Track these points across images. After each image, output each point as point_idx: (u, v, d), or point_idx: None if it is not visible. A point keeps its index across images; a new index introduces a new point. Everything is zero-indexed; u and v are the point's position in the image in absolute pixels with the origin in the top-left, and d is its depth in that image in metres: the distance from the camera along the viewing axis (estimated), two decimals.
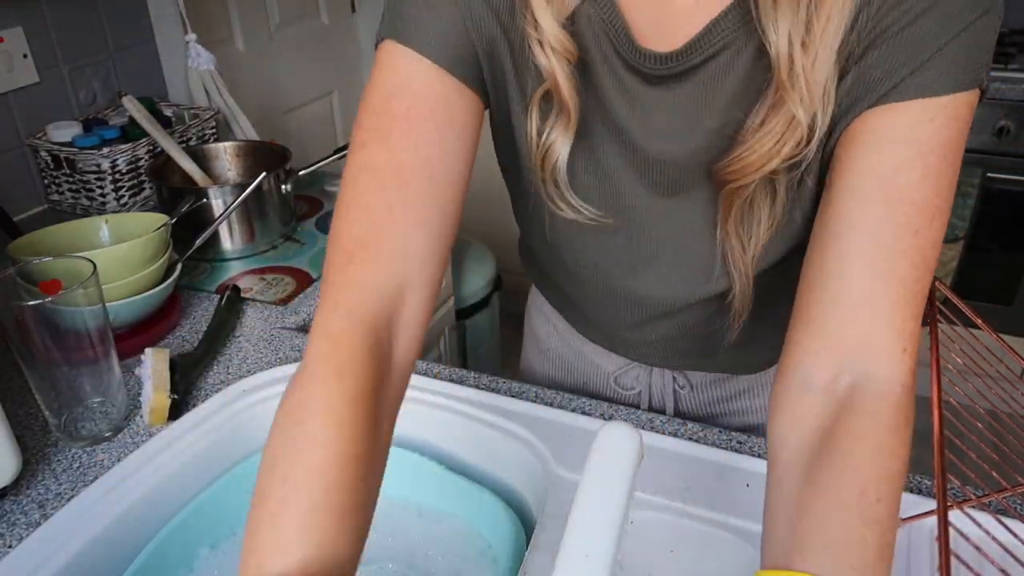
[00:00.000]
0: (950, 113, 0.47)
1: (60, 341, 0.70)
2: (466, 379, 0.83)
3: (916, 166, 0.47)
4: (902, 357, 0.46)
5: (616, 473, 0.47)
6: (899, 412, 0.45)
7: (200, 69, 1.47)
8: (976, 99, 0.49)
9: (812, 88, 0.47)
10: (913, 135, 0.47)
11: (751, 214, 0.55)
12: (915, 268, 0.47)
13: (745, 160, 0.51)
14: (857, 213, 0.48)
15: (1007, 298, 2.07)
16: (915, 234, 0.47)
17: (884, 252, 0.47)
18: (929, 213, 0.47)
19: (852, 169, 0.49)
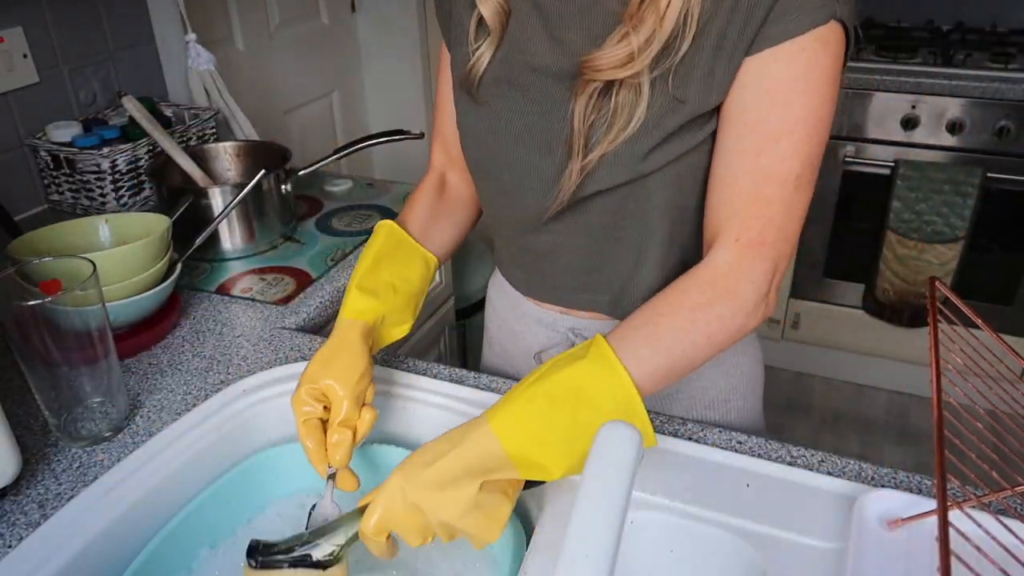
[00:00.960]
0: (796, 51, 0.60)
1: (60, 341, 0.70)
2: (466, 379, 0.83)
3: (762, 103, 0.61)
4: (732, 244, 0.64)
5: (616, 473, 0.47)
6: (707, 272, 0.64)
7: (200, 69, 1.48)
8: (833, 31, 0.60)
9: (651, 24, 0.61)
10: (761, 76, 0.61)
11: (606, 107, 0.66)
12: (754, 182, 0.63)
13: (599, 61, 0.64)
14: (718, 145, 0.66)
15: (1007, 298, 2.07)
16: (756, 155, 0.62)
17: (729, 173, 0.64)
18: (774, 137, 0.61)
19: (721, 112, 0.65)
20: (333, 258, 1.15)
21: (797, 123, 0.61)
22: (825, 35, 0.60)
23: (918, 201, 1.97)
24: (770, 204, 0.63)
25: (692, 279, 0.64)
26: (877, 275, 2.12)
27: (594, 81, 0.65)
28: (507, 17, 0.71)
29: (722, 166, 0.65)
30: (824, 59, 0.60)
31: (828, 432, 2.22)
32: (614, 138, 0.66)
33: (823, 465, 0.69)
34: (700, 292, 0.63)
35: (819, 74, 0.60)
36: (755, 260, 0.63)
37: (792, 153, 0.62)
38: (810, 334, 2.33)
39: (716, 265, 0.64)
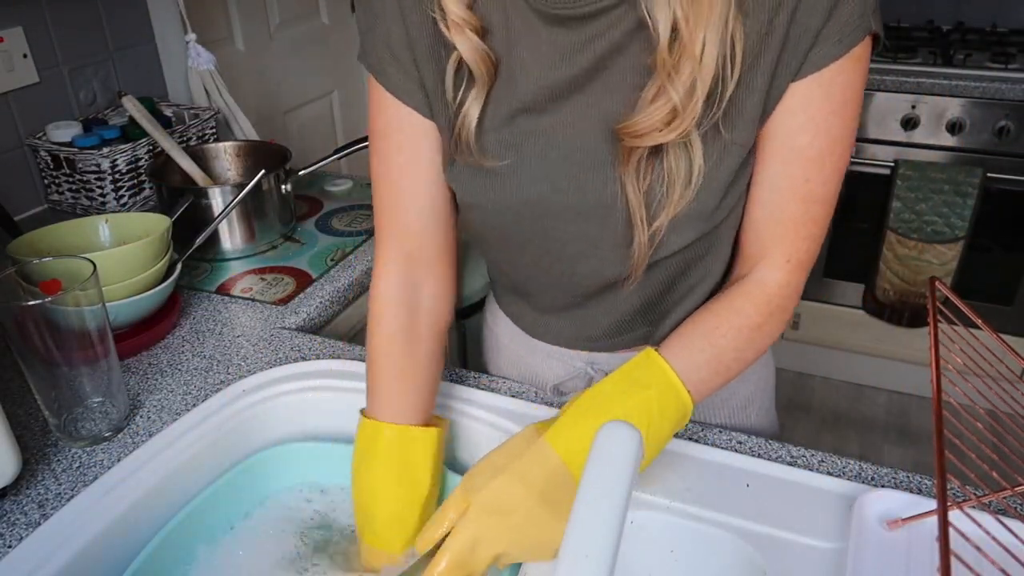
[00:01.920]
0: (835, 73, 0.58)
1: (60, 341, 0.70)
2: (466, 379, 0.83)
3: (808, 128, 0.60)
4: (784, 264, 0.65)
5: (616, 473, 0.47)
6: (764, 294, 0.65)
7: (200, 69, 1.47)
8: (866, 46, 0.59)
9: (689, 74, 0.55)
10: (806, 102, 0.59)
11: (659, 168, 0.61)
12: (804, 204, 0.63)
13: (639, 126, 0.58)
14: (761, 169, 0.64)
15: (1007, 298, 2.07)
16: (806, 181, 0.62)
17: (778, 196, 0.63)
18: (819, 161, 0.61)
19: (762, 138, 0.62)
20: (333, 258, 1.15)
21: (837, 143, 0.61)
22: (860, 52, 0.59)
23: (918, 201, 1.97)
24: (816, 223, 0.64)
25: (748, 299, 0.65)
26: (877, 275, 2.12)
27: (638, 148, 0.59)
28: (495, 65, 0.62)
29: (768, 189, 0.64)
30: (857, 77, 0.60)
31: (828, 432, 2.22)
32: (678, 200, 0.61)
33: (823, 465, 0.69)
34: (758, 313, 0.64)
35: (854, 92, 0.60)
36: (800, 277, 0.66)
37: (833, 172, 0.62)
38: (810, 334, 2.33)
39: (770, 286, 0.65)
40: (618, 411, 0.59)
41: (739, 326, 0.64)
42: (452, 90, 0.63)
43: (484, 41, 0.61)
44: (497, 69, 0.62)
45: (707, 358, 0.62)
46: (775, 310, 0.65)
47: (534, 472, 0.57)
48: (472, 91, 0.62)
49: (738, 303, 0.65)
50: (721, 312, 0.65)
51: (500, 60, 0.62)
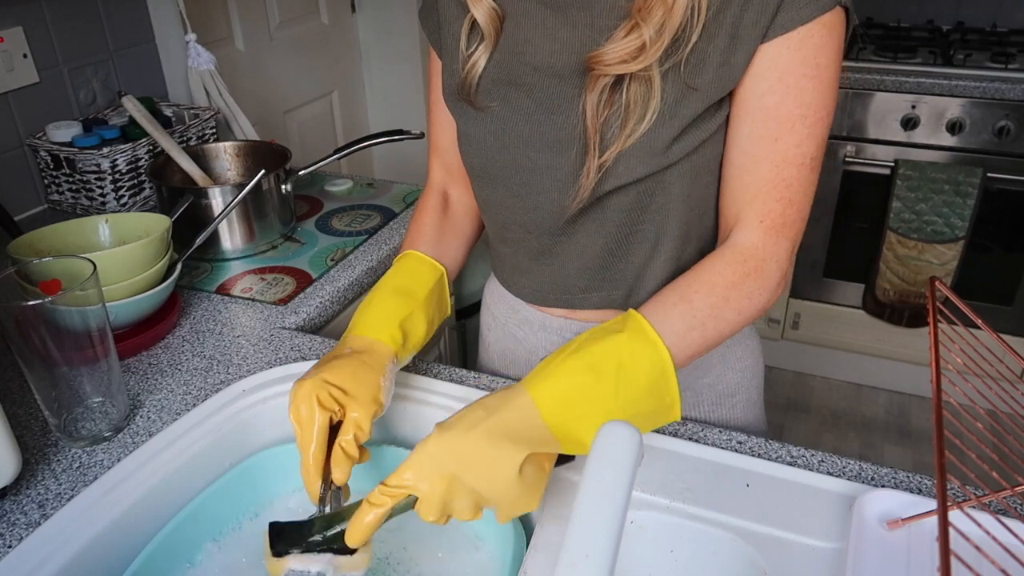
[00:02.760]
0: (804, 38, 0.62)
1: (60, 341, 0.70)
2: (466, 379, 0.83)
3: (776, 89, 0.63)
4: (757, 225, 0.67)
5: (616, 473, 0.47)
6: (737, 253, 0.67)
7: (200, 69, 1.47)
8: (837, 15, 0.62)
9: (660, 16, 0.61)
10: (774, 64, 0.63)
11: (619, 101, 0.66)
12: (775, 166, 0.65)
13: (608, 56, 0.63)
14: (733, 132, 0.67)
15: (1007, 298, 2.07)
16: (775, 141, 0.64)
17: (749, 159, 0.66)
18: (789, 122, 0.64)
19: (735, 99, 0.66)
20: (333, 258, 1.15)
21: (809, 107, 0.63)
22: (831, 20, 0.62)
23: (918, 201, 1.97)
24: (789, 186, 0.66)
25: (721, 259, 0.67)
26: (877, 275, 2.12)
27: (604, 76, 0.65)
28: (501, 21, 0.70)
29: (740, 152, 0.67)
30: (831, 43, 0.62)
31: (828, 432, 2.22)
32: (630, 133, 0.66)
33: (823, 465, 0.69)
34: (732, 271, 0.66)
35: (827, 59, 0.63)
36: (779, 240, 0.67)
37: (807, 136, 0.64)
38: (810, 334, 2.33)
39: (743, 246, 0.67)
40: (588, 354, 0.59)
41: (712, 283, 0.65)
42: (466, 44, 0.72)
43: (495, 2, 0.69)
44: (503, 25, 0.70)
45: (680, 312, 0.63)
46: (751, 270, 0.66)
47: (497, 402, 0.58)
48: (481, 45, 0.71)
49: (711, 262, 0.67)
50: (695, 272, 0.67)
51: (506, 16, 0.70)
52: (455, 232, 0.86)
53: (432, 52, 0.81)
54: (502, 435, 0.55)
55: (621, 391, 0.58)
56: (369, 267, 1.13)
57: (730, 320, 0.65)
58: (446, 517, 0.56)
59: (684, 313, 0.63)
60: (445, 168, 0.87)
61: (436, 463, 0.55)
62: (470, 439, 0.55)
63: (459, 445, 0.55)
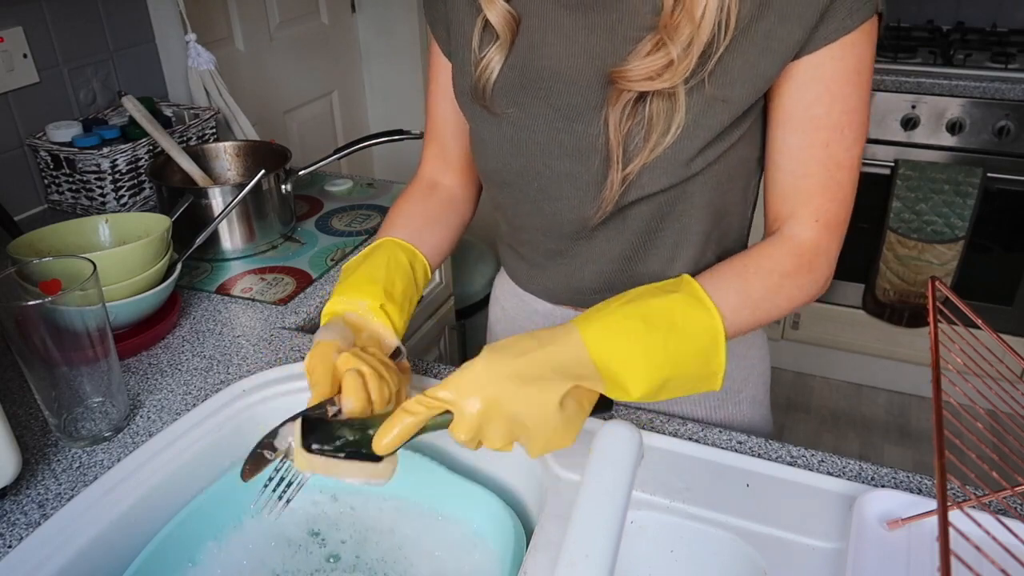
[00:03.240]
0: (847, 47, 0.63)
1: (60, 341, 0.70)
2: None
3: (824, 99, 0.64)
4: (813, 224, 0.68)
5: (616, 473, 0.47)
6: (793, 246, 0.67)
7: (200, 69, 1.47)
8: (874, 23, 0.63)
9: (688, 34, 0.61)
10: (819, 74, 0.64)
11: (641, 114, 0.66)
12: (827, 169, 0.66)
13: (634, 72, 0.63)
14: (782, 142, 0.68)
15: (1007, 298, 2.07)
16: (826, 146, 0.66)
17: (801, 165, 0.67)
18: (838, 128, 0.65)
19: (778, 108, 0.67)
20: (333, 258, 1.15)
21: (854, 112, 0.65)
22: (869, 28, 0.63)
23: (918, 201, 1.97)
24: (842, 187, 0.67)
25: (779, 249, 0.67)
26: (877, 275, 2.12)
27: (628, 92, 0.64)
28: (517, 23, 0.69)
29: (791, 159, 0.67)
30: (868, 51, 0.64)
31: (828, 432, 2.22)
32: (654, 146, 0.66)
33: (823, 465, 0.69)
34: (788, 261, 0.67)
35: (866, 65, 0.64)
36: (832, 239, 0.69)
37: (854, 140, 0.66)
38: (810, 334, 2.33)
39: (800, 240, 0.68)
40: (644, 306, 0.59)
41: (769, 269, 0.66)
42: (479, 46, 0.72)
43: (509, 4, 0.68)
44: (519, 27, 0.69)
45: (736, 288, 0.64)
46: (805, 264, 0.67)
47: (548, 335, 0.58)
48: (495, 46, 0.70)
49: (767, 250, 0.67)
50: (750, 256, 0.67)
51: (522, 19, 0.69)
52: (442, 220, 0.84)
53: (432, 41, 0.80)
54: (549, 365, 0.56)
55: (670, 346, 0.59)
56: None
57: (780, 306, 0.66)
58: (477, 442, 0.56)
59: (739, 290, 0.64)
60: (443, 159, 0.86)
61: (480, 383, 0.55)
62: (517, 365, 0.55)
63: (505, 368, 0.55)
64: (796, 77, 0.64)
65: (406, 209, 0.83)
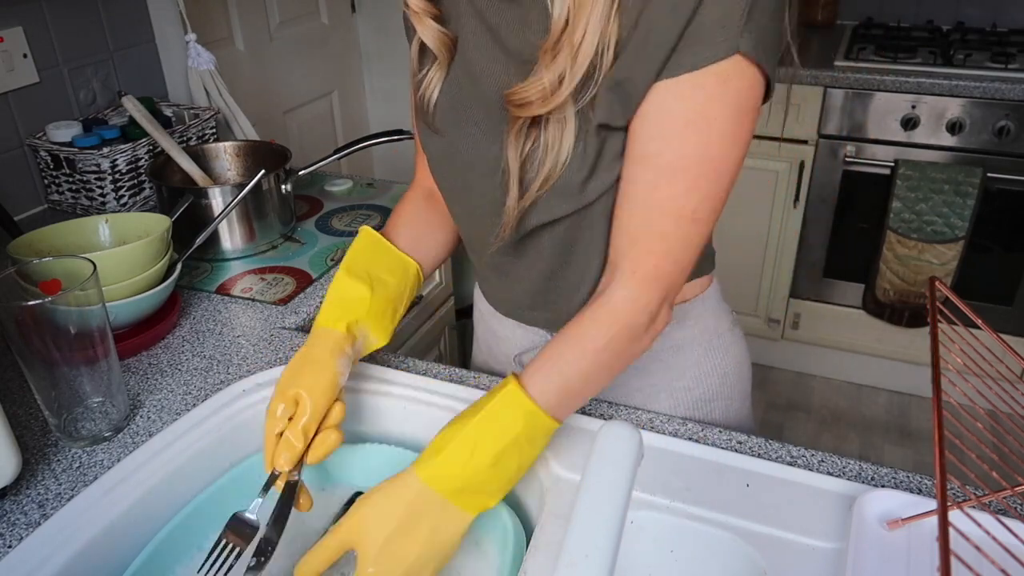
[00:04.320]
0: (694, 86, 0.58)
1: (60, 341, 0.70)
2: (466, 379, 0.83)
3: (658, 136, 0.60)
4: (630, 277, 0.64)
5: (616, 473, 0.47)
6: (610, 312, 0.64)
7: (200, 69, 1.47)
8: (737, 65, 0.57)
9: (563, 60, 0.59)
10: (659, 108, 0.60)
11: (539, 139, 0.65)
12: (651, 215, 0.62)
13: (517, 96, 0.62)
14: (622, 176, 0.64)
15: (1007, 298, 2.07)
16: (654, 189, 0.61)
17: (629, 203, 0.64)
18: (670, 173, 0.60)
19: (628, 135, 0.63)
20: (333, 258, 1.15)
21: (692, 160, 0.60)
22: (727, 70, 0.57)
23: (918, 201, 1.97)
24: (665, 238, 0.63)
25: (592, 321, 0.64)
26: (877, 275, 2.12)
27: (519, 116, 0.64)
28: (453, 43, 0.69)
29: (622, 194, 0.65)
30: (725, 96, 0.58)
31: (828, 432, 2.22)
32: (547, 176, 0.65)
33: (823, 465, 0.69)
34: (602, 334, 0.64)
35: (718, 112, 0.58)
36: (651, 292, 0.64)
37: (687, 190, 0.61)
38: (810, 334, 2.33)
39: (614, 303, 0.64)
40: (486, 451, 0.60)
41: (582, 350, 0.63)
42: (417, 66, 0.73)
43: (443, 25, 0.68)
44: (456, 47, 0.69)
45: (556, 386, 0.62)
46: (620, 329, 0.64)
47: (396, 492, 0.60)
48: (434, 66, 0.71)
49: (584, 326, 0.64)
50: (569, 338, 0.64)
51: (457, 39, 0.69)
52: (441, 225, 0.84)
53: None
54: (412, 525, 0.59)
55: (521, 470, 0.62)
56: None
57: (604, 377, 0.66)
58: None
59: (560, 387, 0.63)
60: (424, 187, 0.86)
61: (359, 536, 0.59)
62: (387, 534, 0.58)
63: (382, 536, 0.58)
64: (642, 107, 0.60)
65: (407, 212, 0.83)
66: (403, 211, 0.84)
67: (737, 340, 0.87)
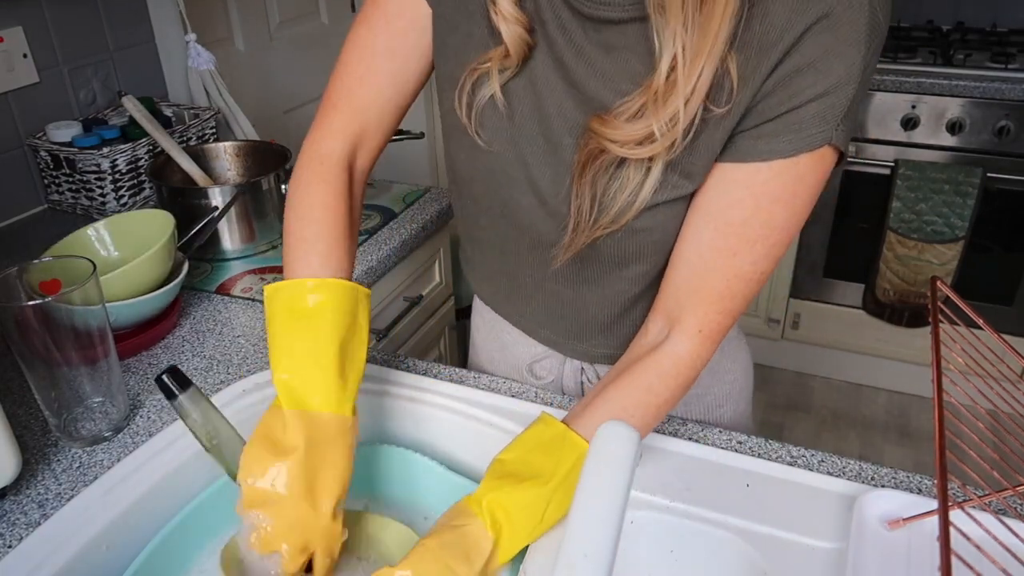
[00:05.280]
0: (786, 167, 0.59)
1: (60, 341, 0.70)
2: (466, 379, 0.83)
3: (747, 205, 0.60)
4: (695, 334, 0.64)
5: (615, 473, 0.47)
6: (674, 366, 0.64)
7: (200, 69, 1.47)
8: (826, 153, 0.59)
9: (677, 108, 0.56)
10: (749, 182, 0.60)
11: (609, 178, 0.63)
12: (727, 279, 0.63)
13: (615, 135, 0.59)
14: (694, 232, 0.64)
15: (1007, 298, 2.07)
16: (733, 255, 0.62)
17: (703, 265, 0.63)
18: (751, 240, 0.61)
19: (702, 196, 0.63)
20: None
21: (774, 230, 0.61)
22: (817, 157, 0.59)
23: (918, 201, 1.97)
24: (734, 299, 0.64)
25: (657, 374, 0.64)
26: (877, 275, 2.12)
27: (605, 152, 0.60)
28: (530, 51, 0.64)
29: (695, 253, 0.64)
30: (812, 178, 0.60)
31: (828, 432, 2.22)
32: (616, 217, 0.63)
33: (823, 465, 0.69)
34: (666, 388, 0.64)
35: (804, 189, 0.60)
36: (710, 349, 0.66)
37: (764, 255, 0.62)
38: (810, 334, 2.33)
39: (679, 356, 0.65)
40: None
41: (647, 405, 0.64)
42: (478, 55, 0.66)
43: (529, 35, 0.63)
44: (530, 56, 0.64)
45: None
46: (681, 383, 0.65)
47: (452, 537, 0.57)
48: (495, 62, 0.64)
49: (650, 381, 0.64)
50: (634, 394, 0.64)
51: (536, 46, 0.64)
52: (357, 222, 0.73)
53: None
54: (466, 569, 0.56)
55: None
56: (369, 267, 1.13)
57: (653, 426, 0.66)
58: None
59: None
60: (357, 136, 0.72)
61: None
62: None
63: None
64: (728, 175, 0.61)
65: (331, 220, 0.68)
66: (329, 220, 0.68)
67: (743, 345, 0.88)
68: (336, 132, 0.71)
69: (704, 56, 0.54)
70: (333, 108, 0.71)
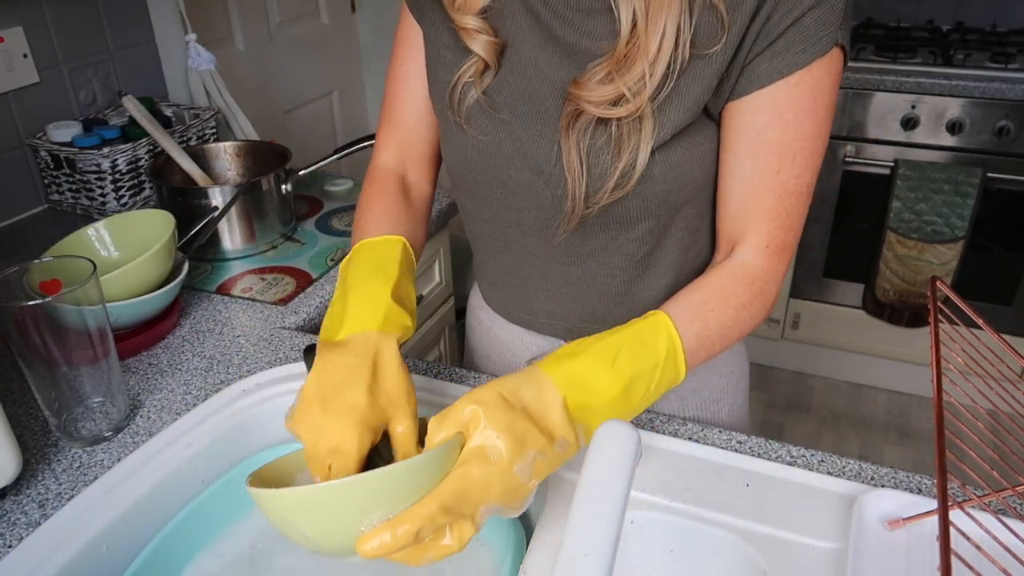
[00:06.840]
0: (803, 77, 0.63)
1: (60, 341, 0.70)
2: (466, 379, 0.83)
3: (776, 124, 0.64)
4: (763, 250, 0.68)
5: (615, 473, 0.47)
6: (745, 274, 0.68)
7: (200, 69, 1.47)
8: (835, 55, 0.63)
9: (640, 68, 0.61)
10: (773, 100, 0.64)
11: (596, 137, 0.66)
12: (776, 196, 0.67)
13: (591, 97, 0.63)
14: (732, 167, 0.68)
15: (1007, 298, 2.07)
16: (777, 173, 0.66)
17: (751, 191, 0.67)
18: (790, 154, 0.65)
19: (730, 131, 0.67)
20: (333, 258, 1.15)
21: (807, 140, 0.65)
22: (828, 60, 0.63)
23: (918, 201, 1.97)
24: (791, 214, 0.68)
25: (734, 279, 0.68)
26: (877, 275, 2.12)
27: (584, 112, 0.64)
28: (503, 48, 0.69)
29: (741, 182, 0.68)
30: (827, 81, 0.64)
31: (828, 432, 2.22)
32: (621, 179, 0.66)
33: (823, 465, 0.69)
34: (743, 292, 0.67)
35: (823, 94, 0.64)
36: (780, 264, 0.69)
37: (805, 167, 0.66)
38: (810, 334, 2.33)
39: (751, 268, 0.68)
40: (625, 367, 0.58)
41: (727, 304, 0.66)
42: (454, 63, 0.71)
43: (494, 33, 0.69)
44: (504, 53, 0.69)
45: (697, 331, 0.64)
46: (758, 292, 0.68)
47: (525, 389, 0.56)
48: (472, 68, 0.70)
49: (725, 281, 0.68)
50: (710, 289, 0.67)
51: (507, 46, 0.69)
52: (421, 220, 0.80)
53: (404, 10, 0.78)
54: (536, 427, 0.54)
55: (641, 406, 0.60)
56: None
57: (733, 339, 0.68)
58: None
59: (700, 333, 0.64)
60: (401, 148, 0.82)
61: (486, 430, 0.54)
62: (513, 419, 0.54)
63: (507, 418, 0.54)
64: (752, 102, 0.64)
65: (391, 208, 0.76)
66: (390, 208, 0.76)
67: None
68: (382, 148, 0.83)
69: (664, 12, 0.59)
70: (380, 127, 0.84)
